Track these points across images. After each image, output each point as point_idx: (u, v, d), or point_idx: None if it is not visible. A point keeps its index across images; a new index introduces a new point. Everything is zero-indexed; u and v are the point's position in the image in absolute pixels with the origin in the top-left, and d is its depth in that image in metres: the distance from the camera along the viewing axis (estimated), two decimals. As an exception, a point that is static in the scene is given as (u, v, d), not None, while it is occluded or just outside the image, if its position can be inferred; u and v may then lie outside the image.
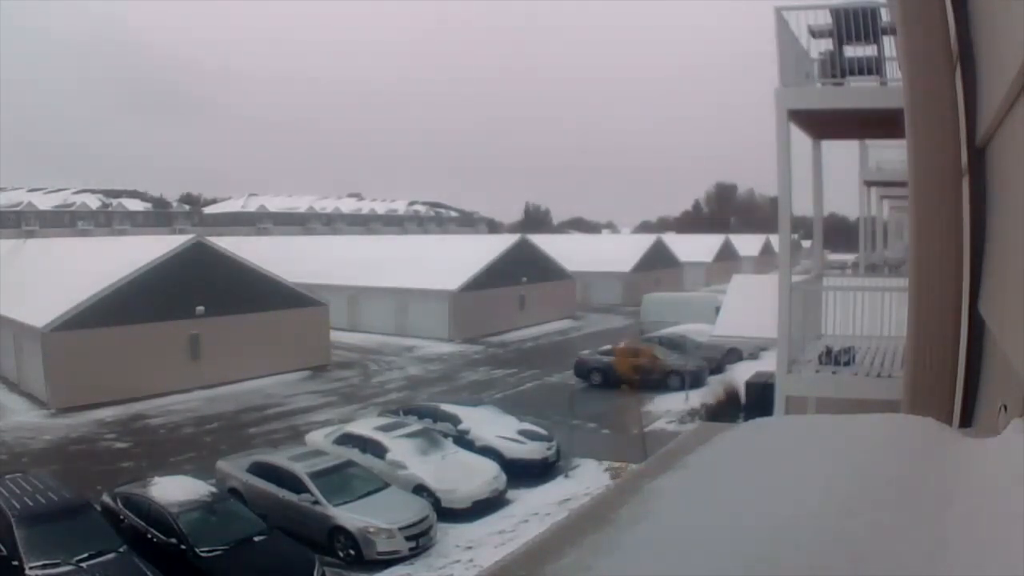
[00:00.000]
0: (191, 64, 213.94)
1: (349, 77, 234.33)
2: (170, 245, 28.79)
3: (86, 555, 11.75)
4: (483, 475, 16.82)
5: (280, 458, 16.11)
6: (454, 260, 42.57)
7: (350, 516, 14.29)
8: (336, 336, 35.32)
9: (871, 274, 14.61)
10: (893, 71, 7.80)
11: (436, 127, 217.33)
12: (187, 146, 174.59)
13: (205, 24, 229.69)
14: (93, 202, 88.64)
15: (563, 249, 52.44)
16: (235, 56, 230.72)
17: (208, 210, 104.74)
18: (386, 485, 15.64)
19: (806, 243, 50.61)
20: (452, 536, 15.21)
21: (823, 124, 8.99)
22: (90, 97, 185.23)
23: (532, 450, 18.77)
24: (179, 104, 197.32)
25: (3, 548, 11.85)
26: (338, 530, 14.29)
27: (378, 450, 17.21)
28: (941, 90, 3.18)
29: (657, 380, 25.70)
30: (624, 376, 20.55)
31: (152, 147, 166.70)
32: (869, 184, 15.78)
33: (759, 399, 17.75)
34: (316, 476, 15.04)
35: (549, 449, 19.05)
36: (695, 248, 71.33)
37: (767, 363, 24.31)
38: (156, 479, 14.68)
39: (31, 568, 11.43)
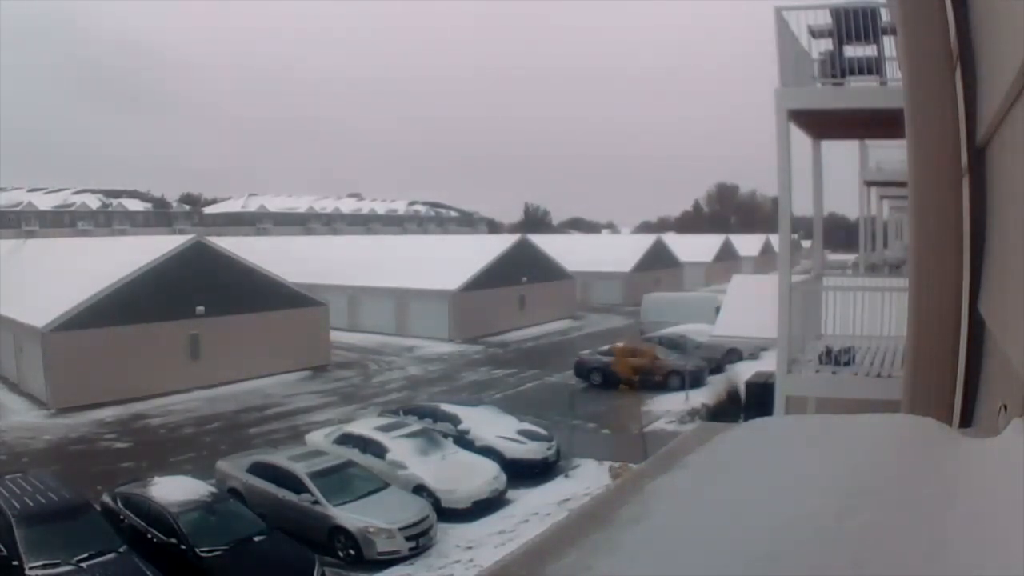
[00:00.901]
0: (191, 64, 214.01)
1: (350, 77, 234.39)
2: (170, 245, 28.81)
3: (86, 555, 11.76)
4: (483, 475, 16.83)
5: (280, 458, 16.11)
6: (454, 260, 42.58)
7: (350, 516, 14.29)
8: (336, 336, 35.32)
9: (871, 274, 14.61)
10: (893, 71, 7.80)
11: (436, 127, 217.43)
12: (187, 146, 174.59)
13: (206, 24, 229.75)
14: (93, 202, 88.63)
15: (563, 249, 52.45)
16: (236, 56, 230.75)
17: (208, 210, 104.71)
18: (386, 485, 15.64)
19: (806, 243, 50.63)
20: (452, 536, 15.22)
21: (823, 124, 8.99)
22: (90, 97, 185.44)
23: (532, 450, 18.77)
24: (179, 104, 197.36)
25: (3, 548, 11.85)
26: (338, 530, 14.29)
27: (378, 450, 17.21)
28: (941, 90, 3.18)
29: (657, 380, 25.70)
30: (624, 376, 20.54)
31: (152, 147, 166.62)
32: (869, 184, 15.78)
33: (759, 399, 17.74)
34: (316, 476, 15.04)
35: (549, 449, 19.05)
36: (695, 248, 71.33)
37: (767, 363, 24.31)
38: (156, 479, 14.69)
39: (31, 568, 11.44)
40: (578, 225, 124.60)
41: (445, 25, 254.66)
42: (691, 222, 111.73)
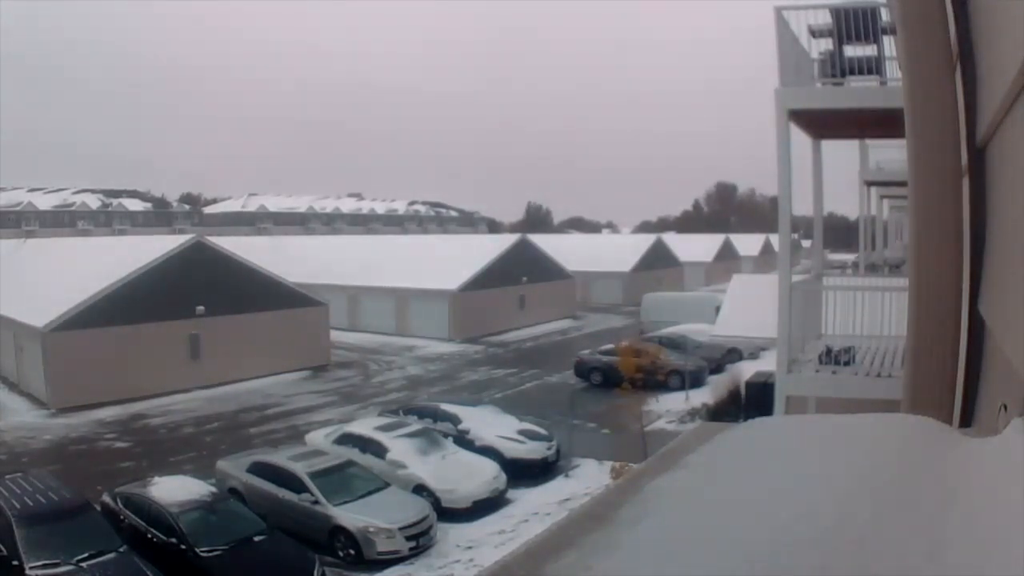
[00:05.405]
0: (192, 65, 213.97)
1: (350, 78, 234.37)
2: (170, 245, 28.81)
3: (86, 555, 11.76)
4: (483, 475, 16.82)
5: (280, 458, 16.11)
6: (454, 260, 42.59)
7: (350, 516, 14.29)
8: (336, 336, 35.33)
9: (871, 274, 14.60)
10: (893, 71, 7.80)
11: (437, 127, 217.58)
12: (187, 146, 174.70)
13: (207, 25, 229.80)
14: (93, 202, 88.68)
15: (563, 249, 52.44)
16: (236, 57, 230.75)
17: (208, 210, 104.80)
18: (386, 485, 15.64)
19: (806, 243, 50.62)
20: (452, 536, 15.22)
21: (823, 124, 8.99)
22: (91, 97, 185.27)
23: (532, 450, 18.77)
24: (179, 104, 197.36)
25: (3, 548, 11.85)
26: (338, 530, 14.29)
27: (378, 450, 17.20)
28: (941, 90, 3.18)
29: (658, 380, 25.70)
30: (627, 375, 20.54)
31: (152, 147, 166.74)
32: (869, 184, 15.75)
33: (759, 399, 17.75)
34: (316, 476, 15.04)
35: (549, 449, 19.05)
36: (695, 248, 71.35)
37: (767, 363, 24.32)
38: (156, 479, 14.68)
39: (31, 568, 11.43)
40: (578, 225, 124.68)
41: (446, 26, 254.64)
42: (691, 222, 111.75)
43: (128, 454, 20.55)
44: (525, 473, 18.09)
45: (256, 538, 13.15)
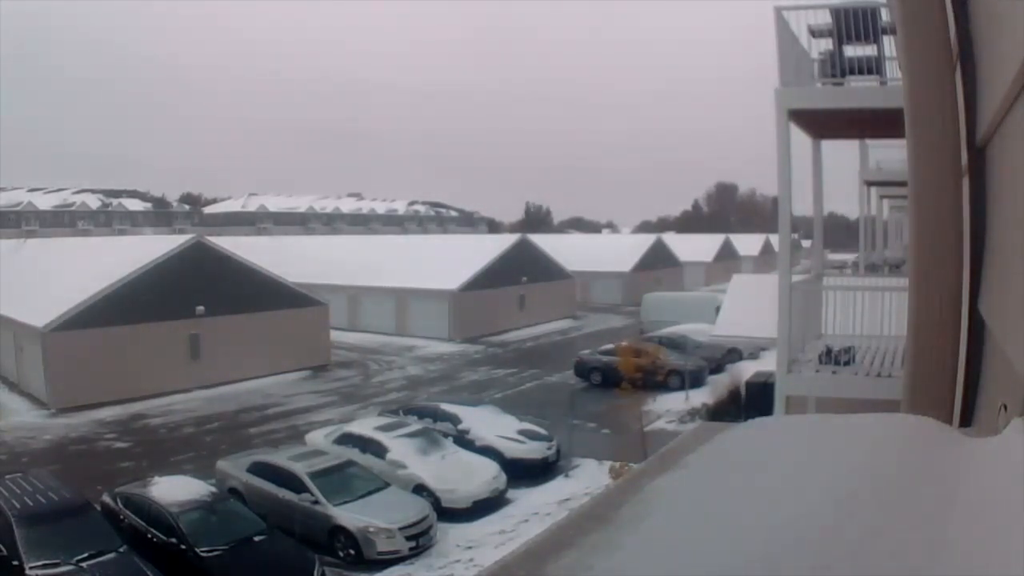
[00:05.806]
0: (192, 64, 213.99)
1: (350, 78, 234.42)
2: (170, 245, 28.82)
3: (86, 555, 11.76)
4: (483, 475, 16.83)
5: (280, 458, 16.12)
6: (454, 260, 42.58)
7: (350, 516, 14.30)
8: (336, 336, 35.33)
9: (871, 274, 14.59)
10: (893, 71, 7.80)
11: (437, 127, 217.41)
12: (187, 146, 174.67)
13: (207, 25, 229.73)
14: (93, 202, 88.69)
15: (563, 249, 52.43)
16: (237, 57, 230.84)
17: (208, 210, 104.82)
18: (386, 485, 15.64)
19: (806, 243, 50.60)
20: (452, 536, 15.22)
21: (823, 124, 8.98)
22: (92, 97, 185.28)
23: (532, 450, 18.77)
24: (179, 104, 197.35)
25: (3, 548, 11.86)
26: (338, 530, 14.30)
27: (378, 450, 17.21)
28: (941, 90, 3.18)
29: (658, 380, 25.70)
30: (627, 375, 20.54)
31: (152, 147, 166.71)
32: (869, 184, 15.75)
33: (759, 399, 17.75)
34: (316, 476, 15.05)
35: (549, 449, 19.05)
36: (695, 248, 71.33)
37: (767, 363, 24.31)
38: (156, 479, 14.69)
39: (31, 568, 11.44)
40: (578, 225, 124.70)
41: (446, 25, 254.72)
42: (691, 222, 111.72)
43: (128, 454, 20.55)
44: (525, 473, 18.10)
45: (256, 538, 13.16)
